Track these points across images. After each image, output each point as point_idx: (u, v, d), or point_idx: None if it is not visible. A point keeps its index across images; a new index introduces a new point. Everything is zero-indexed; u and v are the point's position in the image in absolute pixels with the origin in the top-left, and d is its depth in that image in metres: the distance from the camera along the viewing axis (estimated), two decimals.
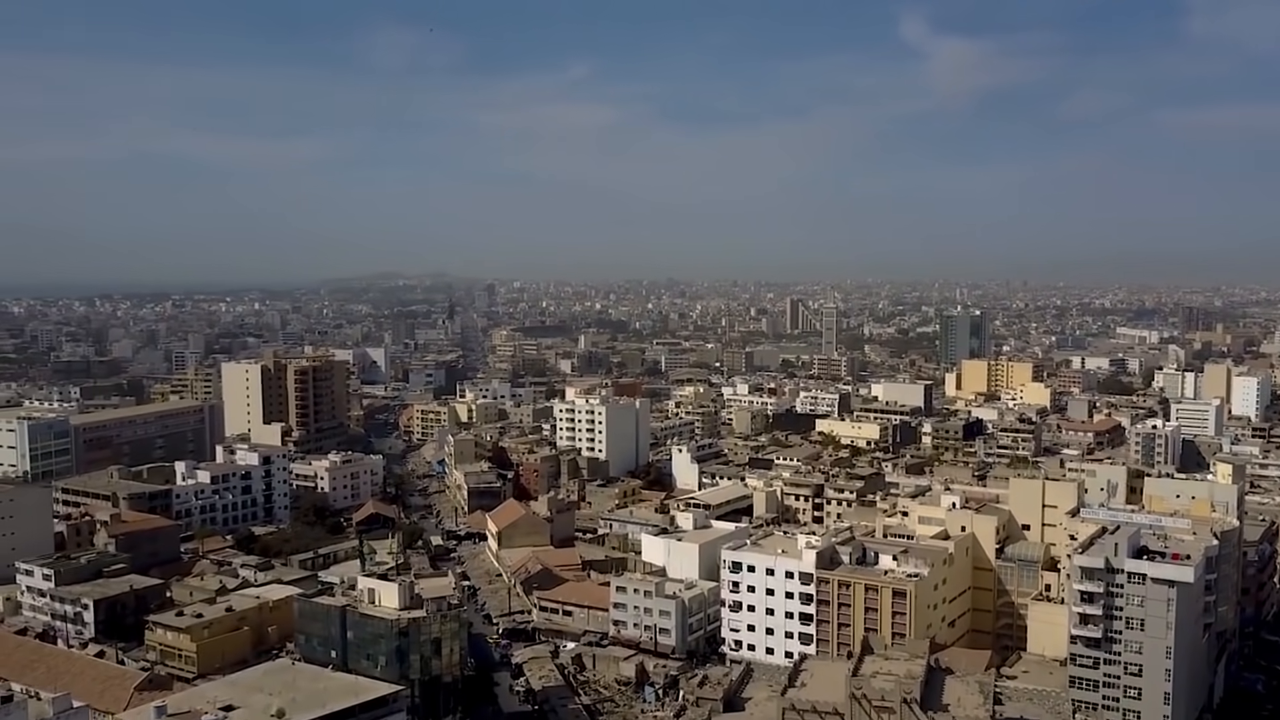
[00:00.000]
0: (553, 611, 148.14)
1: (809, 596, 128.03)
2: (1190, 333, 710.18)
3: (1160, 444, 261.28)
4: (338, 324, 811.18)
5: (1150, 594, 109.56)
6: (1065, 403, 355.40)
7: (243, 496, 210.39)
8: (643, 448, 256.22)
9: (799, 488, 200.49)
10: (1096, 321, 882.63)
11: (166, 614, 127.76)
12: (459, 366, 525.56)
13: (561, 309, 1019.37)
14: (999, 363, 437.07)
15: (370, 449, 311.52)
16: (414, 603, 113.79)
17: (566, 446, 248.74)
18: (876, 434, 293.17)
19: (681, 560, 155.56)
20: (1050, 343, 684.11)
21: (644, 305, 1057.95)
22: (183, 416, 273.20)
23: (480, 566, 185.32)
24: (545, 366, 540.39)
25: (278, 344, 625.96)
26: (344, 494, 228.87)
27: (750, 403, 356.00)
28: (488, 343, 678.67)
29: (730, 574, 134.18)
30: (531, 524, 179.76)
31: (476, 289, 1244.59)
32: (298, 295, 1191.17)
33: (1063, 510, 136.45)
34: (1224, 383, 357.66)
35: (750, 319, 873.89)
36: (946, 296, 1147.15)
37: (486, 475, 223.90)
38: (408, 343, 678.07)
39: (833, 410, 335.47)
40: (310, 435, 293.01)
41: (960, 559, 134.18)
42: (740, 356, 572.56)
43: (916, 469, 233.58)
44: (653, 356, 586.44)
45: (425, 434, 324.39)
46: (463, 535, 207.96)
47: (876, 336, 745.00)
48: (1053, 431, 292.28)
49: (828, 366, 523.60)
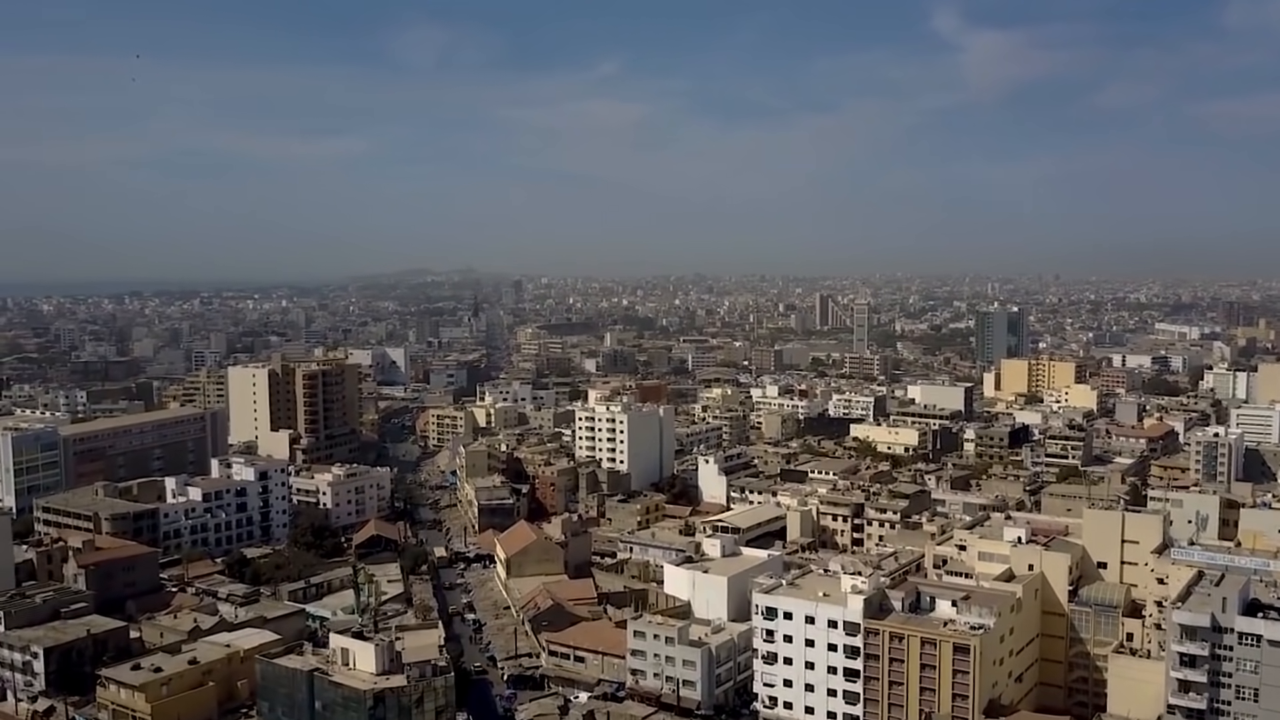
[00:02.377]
0: (564, 657, 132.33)
1: (855, 650, 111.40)
2: (1232, 328, 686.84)
3: (1223, 453, 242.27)
4: (363, 322, 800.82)
5: (1267, 659, 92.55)
6: (1113, 405, 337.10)
7: (237, 515, 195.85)
8: (667, 458, 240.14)
9: (837, 507, 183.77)
10: (1133, 317, 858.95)
11: (121, 667, 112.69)
12: (482, 366, 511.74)
13: (588, 305, 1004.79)
14: (1039, 362, 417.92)
15: (384, 456, 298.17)
16: (393, 665, 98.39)
17: (586, 457, 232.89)
18: (915, 440, 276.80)
19: (708, 595, 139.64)
20: (1088, 339, 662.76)
21: (671, 301, 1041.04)
22: (183, 425, 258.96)
23: (488, 596, 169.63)
24: (570, 366, 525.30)
25: (301, 342, 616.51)
26: (348, 510, 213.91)
27: (780, 406, 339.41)
28: (512, 340, 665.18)
29: (764, 621, 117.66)
30: (543, 550, 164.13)
31: (504, 285, 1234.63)
32: (325, 292, 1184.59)
33: (1146, 547, 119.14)
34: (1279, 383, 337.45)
35: (779, 315, 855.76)
36: (978, 291, 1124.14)
37: (499, 491, 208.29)
38: (431, 341, 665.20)
39: (868, 414, 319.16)
40: (320, 443, 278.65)
41: (1029, 603, 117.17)
42: (769, 355, 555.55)
43: (962, 483, 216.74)
44: (679, 355, 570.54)
45: (442, 440, 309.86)
46: (472, 557, 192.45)
47: (908, 333, 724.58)
48: (1102, 437, 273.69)
49: (860, 365, 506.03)
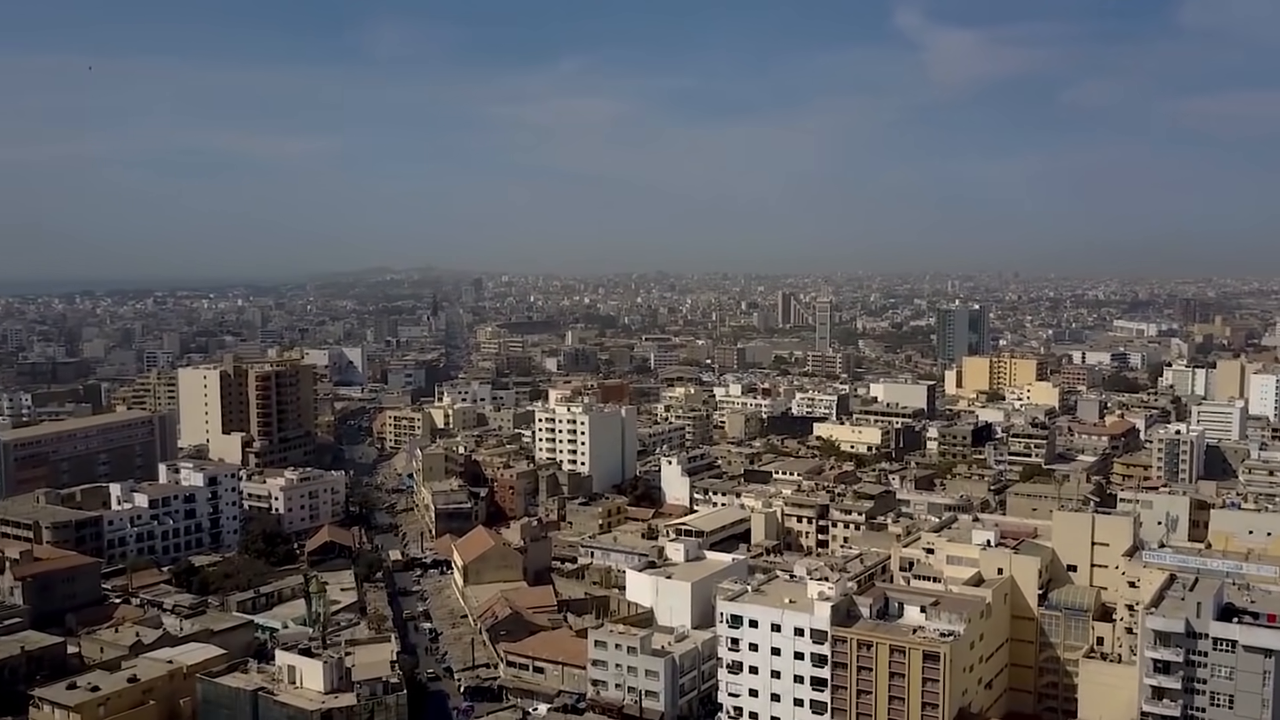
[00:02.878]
0: (522, 667, 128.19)
1: (822, 658, 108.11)
2: (1189, 325, 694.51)
3: (1185, 451, 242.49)
4: (321, 321, 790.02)
5: (1242, 665, 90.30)
6: (1074, 402, 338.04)
7: (185, 522, 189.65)
8: (629, 459, 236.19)
9: (801, 509, 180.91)
10: (1092, 314, 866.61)
11: (57, 685, 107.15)
12: (441, 365, 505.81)
13: (549, 303, 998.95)
14: (1001, 359, 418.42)
15: (340, 458, 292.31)
16: (342, 683, 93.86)
17: (546, 459, 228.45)
18: (878, 439, 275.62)
19: (671, 601, 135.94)
20: (1048, 336, 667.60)
21: (633, 299, 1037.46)
22: (130, 429, 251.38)
23: (445, 604, 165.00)
24: (530, 365, 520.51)
25: (257, 342, 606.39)
26: (301, 515, 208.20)
27: (744, 405, 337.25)
28: (472, 339, 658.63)
29: (729, 629, 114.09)
30: (502, 556, 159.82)
31: (464, 283, 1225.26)
32: (283, 291, 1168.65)
33: (1116, 549, 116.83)
34: (1237, 380, 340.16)
35: (741, 313, 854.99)
36: (938, 289, 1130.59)
37: (456, 495, 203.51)
38: (390, 340, 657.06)
39: (831, 413, 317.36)
40: (274, 445, 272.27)
41: (998, 607, 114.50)
42: (732, 353, 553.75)
43: (926, 483, 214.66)
44: (642, 353, 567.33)
45: (399, 441, 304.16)
46: (428, 563, 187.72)
47: (870, 331, 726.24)
48: (1064, 435, 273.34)
49: (823, 364, 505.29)
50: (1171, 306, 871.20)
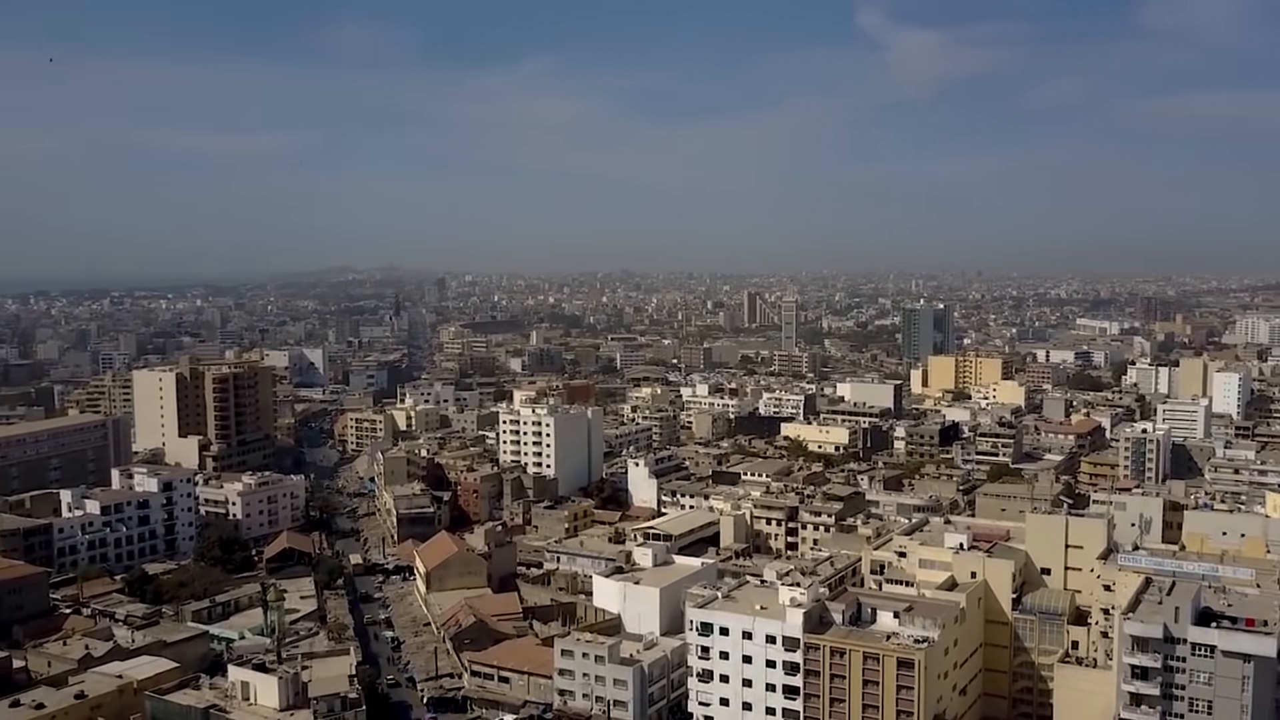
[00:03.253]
0: (487, 677, 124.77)
1: (795, 666, 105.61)
2: (1150, 324, 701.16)
3: (1151, 450, 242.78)
4: (281, 321, 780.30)
5: (1220, 670, 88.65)
6: (1040, 401, 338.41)
7: (139, 529, 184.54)
8: (596, 461, 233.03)
9: (771, 511, 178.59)
10: (1054, 312, 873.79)
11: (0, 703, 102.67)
12: (403, 366, 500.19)
13: (513, 303, 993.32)
14: (967, 358, 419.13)
15: (301, 461, 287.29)
16: (299, 699, 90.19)
17: (511, 462, 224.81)
18: (845, 439, 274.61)
19: (640, 607, 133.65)
20: (1012, 335, 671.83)
21: (598, 299, 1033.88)
22: (83, 433, 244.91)
23: (407, 611, 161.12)
24: (494, 365, 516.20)
25: (216, 343, 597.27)
26: (259, 521, 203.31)
27: (711, 405, 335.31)
28: (435, 340, 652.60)
29: (699, 637, 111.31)
30: (465, 563, 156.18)
31: (427, 283, 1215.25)
32: (243, 291, 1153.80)
33: (1090, 552, 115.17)
34: (1200, 378, 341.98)
35: (707, 312, 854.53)
36: (902, 288, 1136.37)
37: (419, 499, 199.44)
38: (351, 341, 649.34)
39: (798, 413, 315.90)
40: (232, 449, 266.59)
41: (972, 612, 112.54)
42: (698, 352, 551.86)
43: (894, 483, 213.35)
44: (607, 353, 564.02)
45: (360, 444, 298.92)
46: (390, 569, 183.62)
47: (835, 330, 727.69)
48: (1030, 434, 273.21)
49: (789, 363, 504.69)
50: (1133, 305, 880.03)
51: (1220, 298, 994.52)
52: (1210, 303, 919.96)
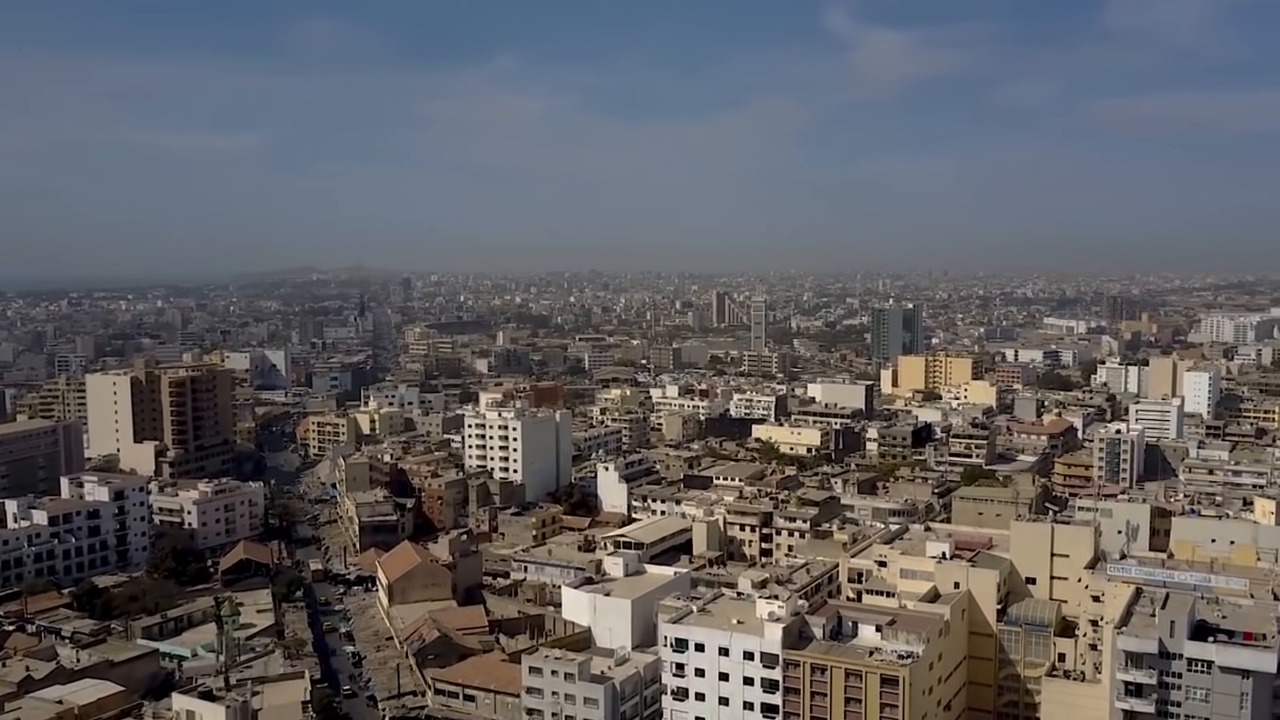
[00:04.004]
0: (452, 695, 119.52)
1: (774, 683, 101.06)
2: (1117, 323, 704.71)
3: (1125, 451, 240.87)
4: (244, 322, 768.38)
5: (1218, 686, 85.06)
6: (1011, 401, 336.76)
7: (89, 540, 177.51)
8: (564, 465, 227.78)
9: (744, 516, 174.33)
10: (1021, 311, 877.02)
11: None
12: (368, 368, 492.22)
13: (480, 303, 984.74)
14: (936, 358, 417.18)
15: (261, 466, 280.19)
16: None
17: (476, 467, 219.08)
18: (817, 440, 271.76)
19: (610, 620, 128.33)
20: (979, 334, 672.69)
21: (566, 299, 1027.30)
22: (31, 440, 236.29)
23: (369, 625, 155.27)
24: (461, 366, 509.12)
25: (176, 344, 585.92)
26: (216, 530, 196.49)
27: (681, 406, 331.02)
28: (401, 341, 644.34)
29: (673, 653, 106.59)
30: (430, 574, 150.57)
31: (392, 283, 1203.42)
32: (206, 292, 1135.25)
33: (1076, 561, 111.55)
34: (1170, 378, 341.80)
35: (676, 312, 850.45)
36: (869, 288, 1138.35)
37: (382, 506, 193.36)
38: (315, 342, 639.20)
39: (769, 414, 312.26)
40: (189, 455, 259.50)
41: (956, 624, 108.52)
42: (667, 353, 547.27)
43: (869, 486, 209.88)
44: (575, 354, 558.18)
45: (323, 448, 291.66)
46: (352, 579, 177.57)
47: (804, 330, 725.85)
48: (1003, 435, 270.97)
49: (759, 363, 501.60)
50: (1099, 304, 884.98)
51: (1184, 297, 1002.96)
52: (1175, 302, 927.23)
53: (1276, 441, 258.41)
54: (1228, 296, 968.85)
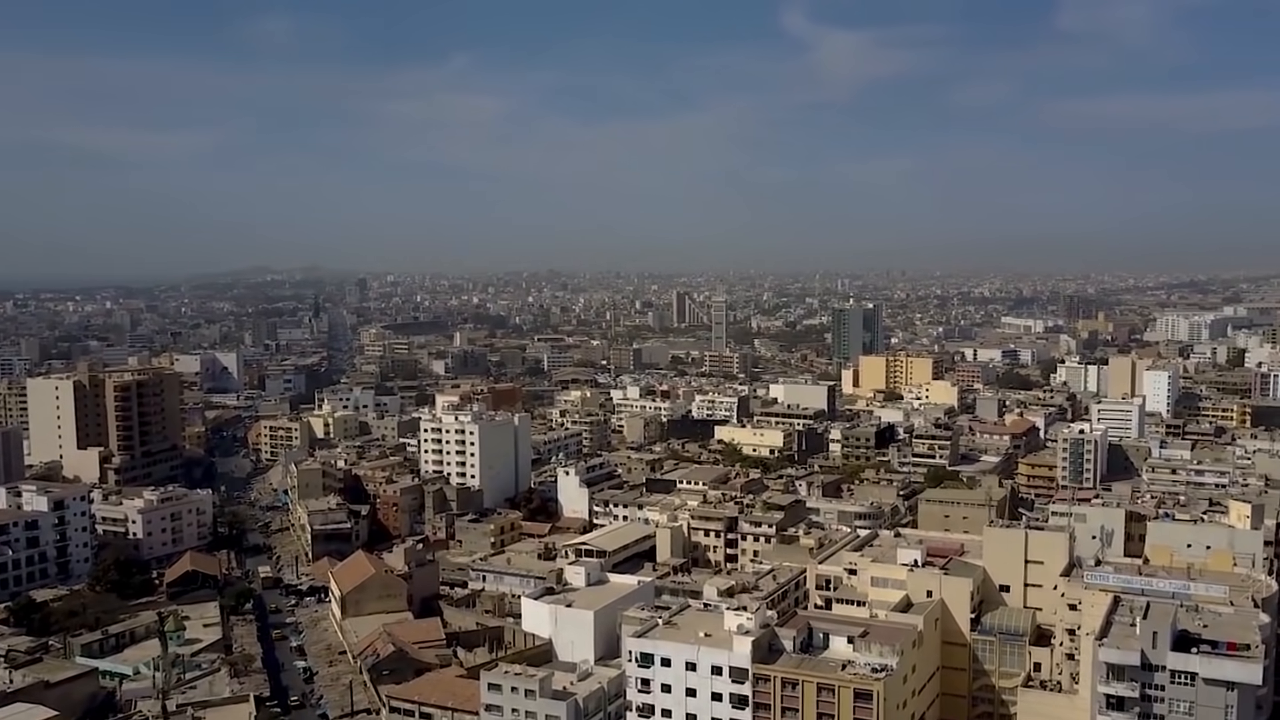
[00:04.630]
0: (407, 714, 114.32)
1: (743, 699, 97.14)
2: (1074, 321, 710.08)
3: (1089, 451, 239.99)
4: (196, 324, 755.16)
5: (1202, 699, 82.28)
6: (972, 401, 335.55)
7: (27, 551, 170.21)
8: (523, 470, 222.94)
9: (709, 521, 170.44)
10: (979, 310, 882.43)
11: None
12: (322, 370, 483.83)
13: (437, 303, 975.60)
14: (897, 358, 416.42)
15: (211, 473, 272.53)
16: None
17: (433, 472, 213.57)
18: (780, 441, 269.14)
19: (572, 633, 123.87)
20: (938, 334, 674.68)
21: (524, 299, 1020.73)
22: None
23: (321, 638, 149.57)
24: (417, 368, 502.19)
25: (124, 347, 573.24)
26: (162, 540, 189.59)
27: (642, 408, 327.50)
28: (356, 342, 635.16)
29: (638, 668, 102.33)
30: (384, 585, 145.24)
31: (348, 284, 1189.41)
32: (157, 292, 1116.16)
33: (1050, 567, 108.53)
34: (1129, 377, 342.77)
35: (636, 312, 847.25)
36: (828, 288, 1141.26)
37: (335, 514, 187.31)
38: (269, 344, 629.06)
39: (731, 415, 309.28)
40: (136, 461, 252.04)
41: (929, 634, 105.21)
42: (628, 353, 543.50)
43: (833, 489, 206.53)
44: (534, 355, 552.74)
45: (275, 453, 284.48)
46: (304, 590, 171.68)
47: (765, 330, 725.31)
48: (966, 435, 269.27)
49: (720, 364, 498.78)
50: (1055, 303, 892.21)
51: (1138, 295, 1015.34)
52: (1129, 300, 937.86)
53: (1235, 440, 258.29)
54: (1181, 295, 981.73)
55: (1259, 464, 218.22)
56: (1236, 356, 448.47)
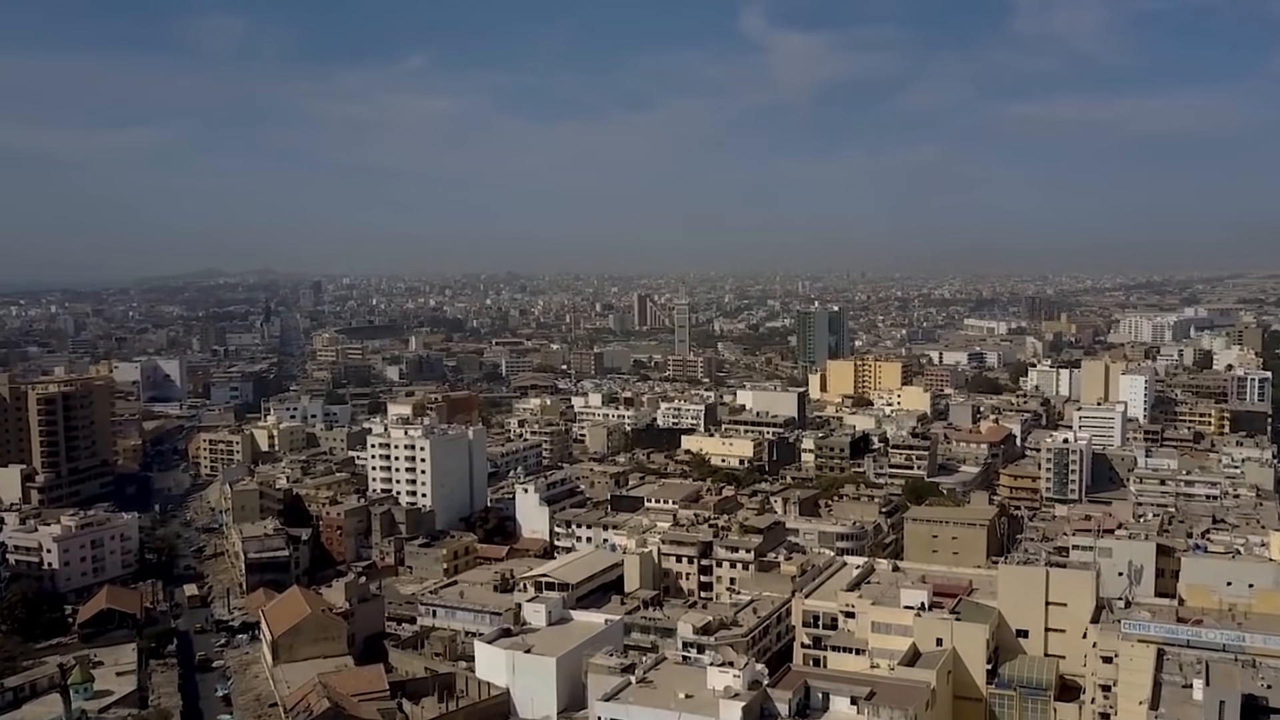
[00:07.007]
0: None
1: None
2: (1037, 323, 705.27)
3: (1074, 461, 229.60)
4: (142, 328, 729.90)
5: None
6: (945, 406, 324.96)
7: None
8: (479, 487, 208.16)
9: (681, 547, 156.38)
10: (941, 313, 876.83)
11: None
12: (271, 376, 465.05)
13: (393, 307, 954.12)
14: (865, 362, 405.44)
15: (148, 490, 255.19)
16: None
17: (381, 491, 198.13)
18: (750, 451, 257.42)
19: (533, 681, 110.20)
20: (902, 336, 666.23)
21: (482, 301, 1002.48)
22: None
23: (252, 686, 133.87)
24: (371, 373, 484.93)
25: (66, 353, 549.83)
26: (81, 570, 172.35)
27: (605, 416, 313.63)
28: (308, 347, 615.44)
29: None
30: (321, 626, 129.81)
31: (302, 287, 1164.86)
32: (104, 296, 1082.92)
33: (1075, 610, 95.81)
34: (1102, 380, 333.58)
35: (596, 315, 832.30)
36: (789, 290, 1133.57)
37: (272, 540, 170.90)
38: (218, 349, 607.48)
39: (699, 423, 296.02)
40: (62, 479, 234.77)
41: (941, 689, 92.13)
42: (588, 357, 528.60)
43: (810, 505, 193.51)
44: (492, 359, 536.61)
45: (215, 468, 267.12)
46: (237, 626, 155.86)
47: (728, 333, 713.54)
48: (942, 443, 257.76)
49: (683, 368, 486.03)
50: (1016, 304, 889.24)
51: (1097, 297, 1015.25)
52: (1089, 302, 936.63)
53: (1215, 446, 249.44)
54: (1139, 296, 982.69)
55: (1249, 473, 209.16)
56: (1204, 358, 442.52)
